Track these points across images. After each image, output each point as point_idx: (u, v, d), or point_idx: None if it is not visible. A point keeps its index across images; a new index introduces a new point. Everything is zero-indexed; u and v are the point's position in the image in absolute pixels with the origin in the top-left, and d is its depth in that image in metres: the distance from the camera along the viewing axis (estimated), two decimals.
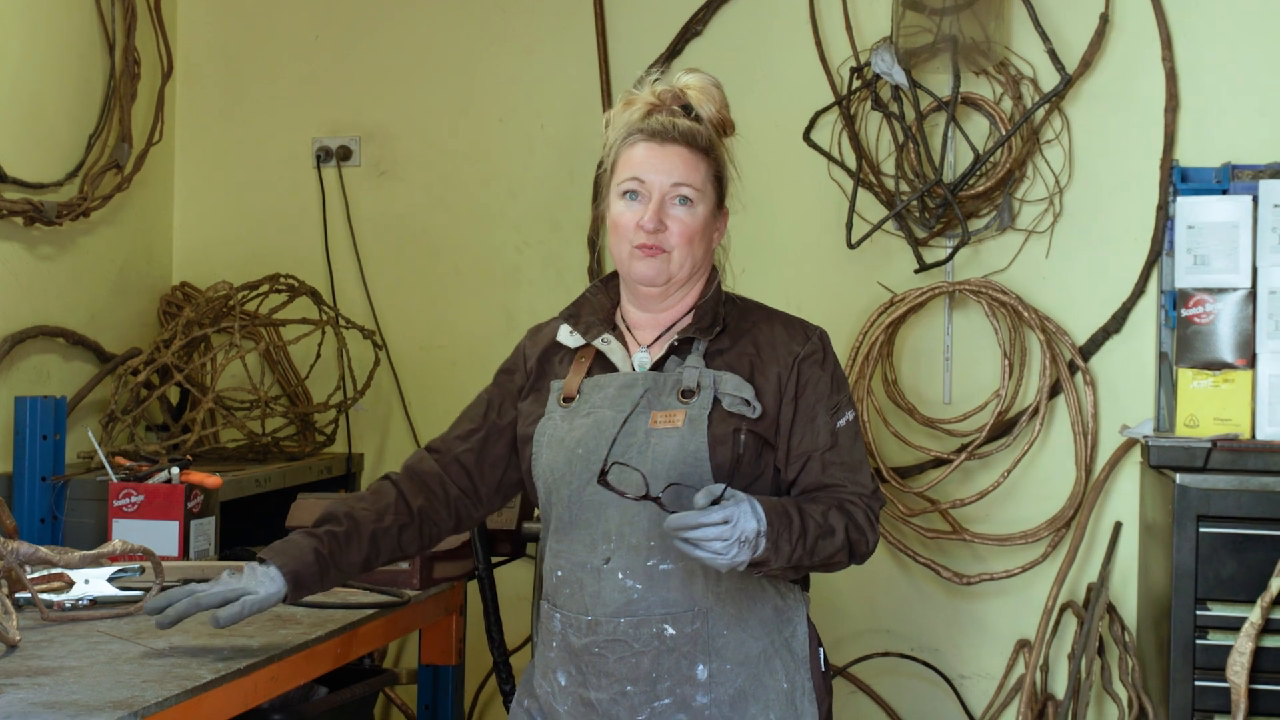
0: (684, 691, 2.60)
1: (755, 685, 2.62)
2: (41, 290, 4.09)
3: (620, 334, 2.75)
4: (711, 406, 2.61)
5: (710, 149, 2.70)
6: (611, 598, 2.60)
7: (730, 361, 2.67)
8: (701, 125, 2.71)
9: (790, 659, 2.67)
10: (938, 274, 4.21)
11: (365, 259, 4.64)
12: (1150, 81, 4.11)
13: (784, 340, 2.70)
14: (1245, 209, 3.75)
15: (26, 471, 3.73)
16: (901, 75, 4.10)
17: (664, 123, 2.68)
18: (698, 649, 2.60)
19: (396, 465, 4.51)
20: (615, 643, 2.60)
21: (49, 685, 2.39)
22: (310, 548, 2.68)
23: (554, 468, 2.66)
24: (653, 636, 2.59)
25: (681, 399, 2.62)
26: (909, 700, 4.32)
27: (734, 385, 2.63)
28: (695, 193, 2.66)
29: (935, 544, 4.23)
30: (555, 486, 2.66)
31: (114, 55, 4.32)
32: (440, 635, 3.58)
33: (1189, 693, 3.52)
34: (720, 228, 2.76)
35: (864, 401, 4.19)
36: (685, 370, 2.65)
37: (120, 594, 3.01)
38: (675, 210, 2.65)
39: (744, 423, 2.61)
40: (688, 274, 2.69)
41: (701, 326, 2.69)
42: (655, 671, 2.59)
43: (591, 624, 2.61)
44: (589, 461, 2.61)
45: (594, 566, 2.61)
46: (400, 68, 4.64)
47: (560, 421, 2.68)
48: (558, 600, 2.67)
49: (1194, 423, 3.75)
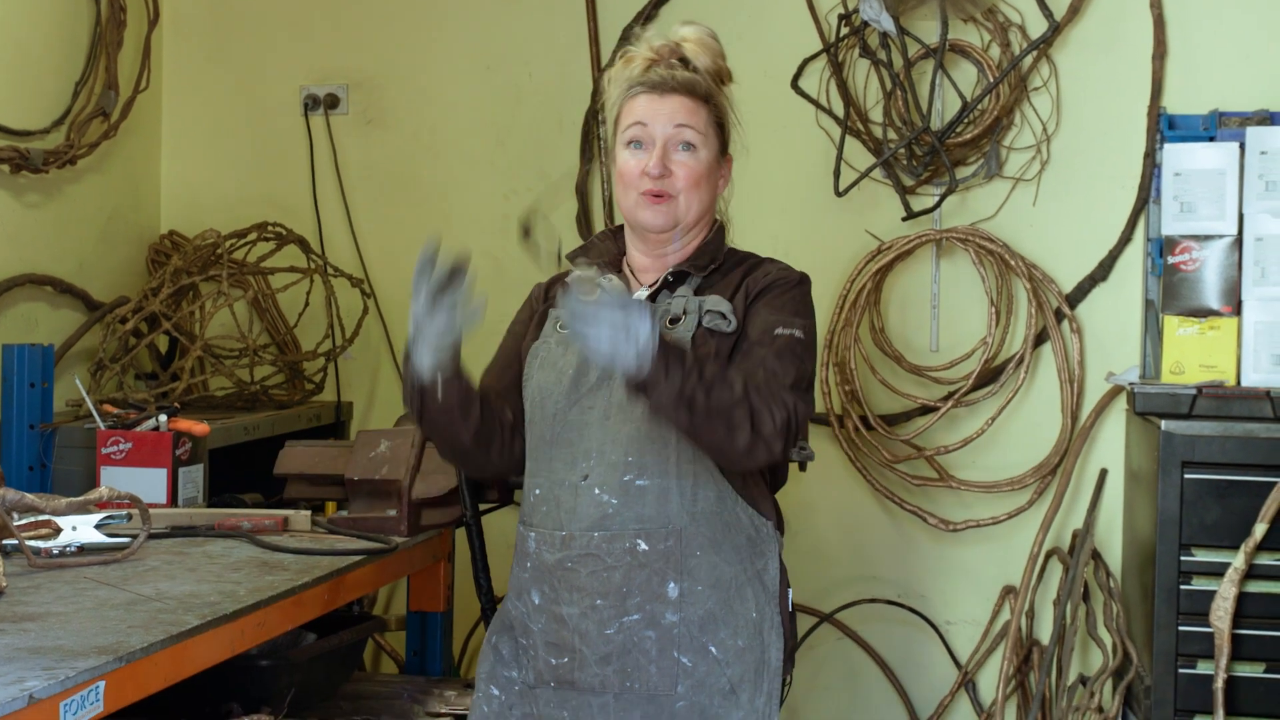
0: (654, 608, 2.62)
1: (725, 610, 2.65)
2: (29, 238, 4.08)
3: (625, 278, 2.79)
4: (695, 329, 2.66)
5: (710, 97, 2.75)
6: (586, 512, 2.64)
7: (717, 292, 2.73)
8: (699, 75, 2.76)
9: (761, 590, 2.70)
10: (925, 222, 4.21)
11: (353, 207, 4.63)
12: (1138, 28, 4.10)
13: (768, 272, 2.75)
14: (1232, 156, 3.74)
15: (14, 419, 3.73)
16: (889, 22, 4.09)
17: (663, 75, 2.73)
18: (669, 566, 2.62)
19: (386, 413, 4.60)
20: (588, 557, 2.63)
21: (35, 631, 2.40)
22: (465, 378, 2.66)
23: (543, 387, 2.71)
24: (625, 551, 2.62)
25: (669, 326, 2.67)
26: (895, 646, 4.35)
27: (713, 303, 2.68)
28: (699, 136, 2.71)
29: (922, 491, 4.25)
30: (542, 403, 2.71)
31: (100, 2, 4.30)
32: (428, 582, 3.60)
33: (1173, 638, 3.54)
34: (725, 174, 2.81)
35: (851, 349, 4.20)
36: (674, 300, 2.71)
37: (107, 541, 3.01)
38: (679, 155, 2.71)
39: (723, 339, 2.65)
40: (695, 218, 2.74)
41: (698, 263, 2.75)
42: (626, 586, 2.62)
43: (565, 539, 2.65)
44: (578, 383, 2.67)
45: (572, 483, 2.66)
46: (388, 15, 4.62)
47: (555, 345, 2.75)
48: (534, 520, 2.71)
49: (1180, 370, 3.76)
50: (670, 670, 2.63)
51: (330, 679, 3.43)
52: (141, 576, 2.82)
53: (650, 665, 2.63)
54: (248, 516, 3.32)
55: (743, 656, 2.66)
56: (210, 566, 2.94)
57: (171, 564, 2.94)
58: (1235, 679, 3.48)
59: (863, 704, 4.38)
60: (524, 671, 2.74)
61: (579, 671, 2.66)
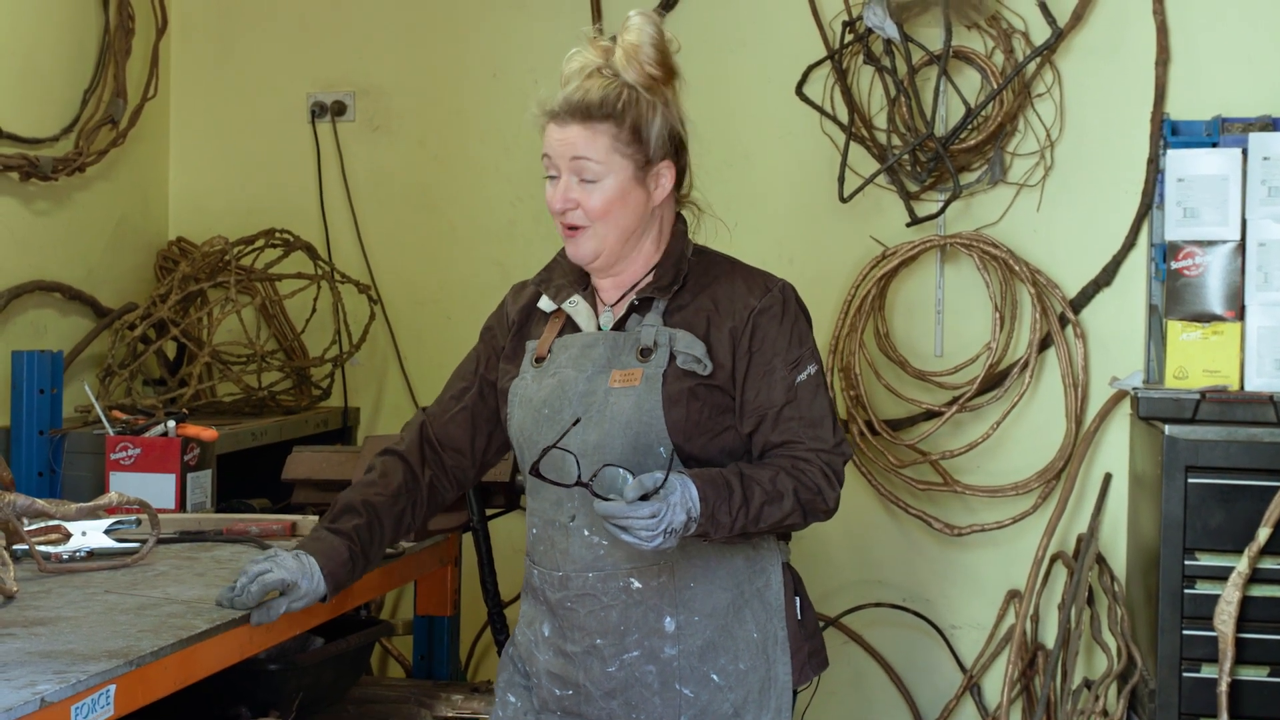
0: (652, 643, 2.63)
1: (724, 636, 2.65)
2: (38, 245, 4.10)
3: (591, 293, 2.75)
4: (667, 364, 2.61)
5: (616, 113, 2.61)
6: (579, 553, 2.63)
7: (688, 318, 2.66)
8: (609, 91, 2.62)
9: (762, 609, 2.69)
10: (929, 227, 4.22)
11: (360, 214, 4.65)
12: (1141, 35, 4.11)
13: (742, 294, 2.67)
14: (1235, 162, 3.75)
15: (24, 425, 3.75)
16: (893, 29, 4.10)
17: (565, 99, 2.64)
18: (664, 601, 2.62)
19: (392, 418, 4.61)
20: (585, 597, 2.64)
21: (45, 635, 2.42)
22: (344, 548, 2.70)
23: (524, 427, 2.69)
24: (620, 590, 2.62)
25: (640, 358, 2.63)
26: (901, 650, 4.36)
27: (686, 343, 2.62)
28: (596, 166, 2.61)
29: (927, 495, 4.26)
30: (525, 445, 2.69)
31: (108, 10, 4.32)
32: (435, 587, 3.62)
33: (1177, 641, 3.55)
34: (660, 183, 2.67)
35: (856, 354, 4.21)
36: (644, 329, 2.65)
37: (117, 546, 3.03)
38: (579, 190, 2.63)
39: (697, 380, 2.61)
40: (618, 241, 2.66)
41: (660, 285, 2.68)
42: (624, 624, 2.62)
43: (563, 579, 2.65)
44: (554, 421, 2.63)
45: (561, 524, 2.65)
46: (394, 23, 4.64)
47: (530, 381, 2.71)
48: (535, 556, 2.72)
49: (1183, 374, 3.77)
50: (673, 702, 2.64)
51: (338, 683, 3.44)
52: (151, 581, 2.83)
53: (654, 698, 2.64)
54: (256, 521, 3.33)
55: (745, 679, 2.66)
56: (219, 571, 2.95)
57: (180, 569, 2.95)
58: (1239, 683, 3.49)
59: (868, 708, 4.39)
60: (532, 697, 2.76)
61: (585, 705, 2.67)
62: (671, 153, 2.68)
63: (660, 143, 2.65)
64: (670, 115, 2.67)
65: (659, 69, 2.66)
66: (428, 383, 4.56)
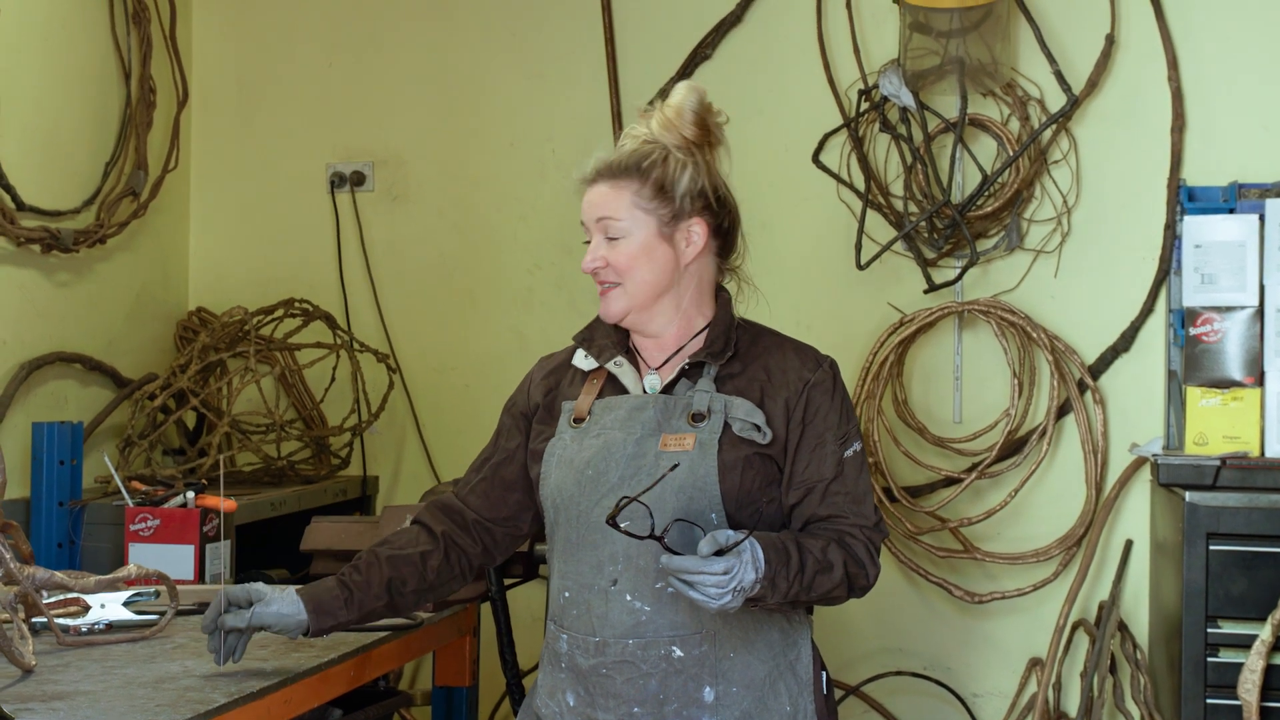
0: (691, 713, 2.61)
1: (760, 708, 2.63)
2: (59, 316, 4.13)
3: (632, 356, 2.76)
4: (722, 431, 2.62)
5: (641, 168, 2.67)
6: (620, 619, 2.61)
7: (741, 386, 2.67)
8: (637, 150, 2.69)
9: (794, 682, 2.68)
10: (947, 294, 4.22)
11: (379, 283, 4.68)
12: (1156, 101, 4.13)
13: (795, 366, 2.69)
14: (1252, 227, 3.76)
15: (44, 496, 3.76)
16: (909, 97, 4.13)
17: (594, 161, 2.71)
18: (705, 671, 2.61)
19: (411, 488, 4.62)
20: (623, 664, 2.61)
21: (64, 710, 2.41)
22: (332, 580, 2.72)
23: (563, 488, 2.67)
24: (660, 659, 2.60)
25: (692, 422, 2.63)
26: (922, 719, 4.33)
27: (745, 411, 2.63)
28: (618, 224, 2.67)
29: (947, 563, 4.25)
30: (563, 507, 2.67)
31: (130, 84, 4.37)
32: (454, 657, 3.60)
33: (1201, 710, 3.52)
34: (691, 239, 2.70)
35: (874, 421, 4.20)
36: (696, 394, 2.65)
37: (136, 618, 3.03)
38: (605, 248, 2.69)
39: (753, 448, 2.62)
40: (649, 298, 2.69)
41: (713, 351, 2.69)
42: (663, 693, 2.60)
43: (599, 645, 2.62)
44: (598, 483, 2.62)
45: (601, 588, 2.62)
46: (412, 93, 4.67)
47: (570, 442, 2.70)
48: (565, 621, 2.68)
49: (1203, 440, 3.76)
50: None
51: None
52: (169, 654, 2.83)
53: None
54: None
55: None
56: None
57: (198, 641, 2.94)
58: None
59: None
60: None
61: None
62: (703, 210, 2.70)
63: (689, 199, 2.68)
64: (703, 173, 2.70)
65: (696, 131, 2.71)
66: (447, 451, 4.57)
